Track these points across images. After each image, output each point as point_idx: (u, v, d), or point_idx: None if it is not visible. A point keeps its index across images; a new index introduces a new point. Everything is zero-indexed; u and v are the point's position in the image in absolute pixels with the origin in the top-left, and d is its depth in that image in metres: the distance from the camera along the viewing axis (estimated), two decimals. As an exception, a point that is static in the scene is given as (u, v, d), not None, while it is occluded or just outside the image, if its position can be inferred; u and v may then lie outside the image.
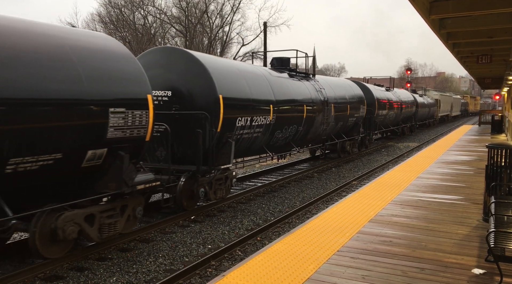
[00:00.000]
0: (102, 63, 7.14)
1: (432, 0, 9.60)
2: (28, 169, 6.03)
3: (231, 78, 10.70)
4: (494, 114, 29.73)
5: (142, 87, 7.74)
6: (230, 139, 10.39)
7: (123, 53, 7.76)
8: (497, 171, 6.76)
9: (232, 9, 42.29)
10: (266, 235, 8.92)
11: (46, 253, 6.65)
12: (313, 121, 15.08)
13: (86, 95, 6.61)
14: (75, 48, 6.80)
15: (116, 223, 7.56)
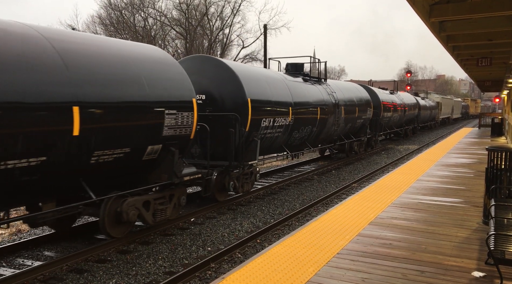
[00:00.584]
0: (157, 72, 8.32)
1: (432, 3, 9.63)
2: (106, 160, 7.23)
3: (257, 83, 11.81)
4: (494, 117, 29.76)
5: (188, 92, 8.95)
6: (256, 138, 11.60)
7: (172, 62, 8.99)
8: (497, 174, 6.76)
9: (232, 12, 42.40)
10: (266, 237, 8.91)
11: (112, 232, 7.80)
12: (325, 122, 16.12)
13: (148, 99, 7.85)
14: (137, 60, 8.00)
15: (166, 209, 8.71)
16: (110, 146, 7.16)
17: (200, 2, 42.13)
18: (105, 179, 7.63)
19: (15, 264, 7.24)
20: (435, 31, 11.43)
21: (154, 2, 41.24)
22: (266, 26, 32.18)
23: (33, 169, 6.10)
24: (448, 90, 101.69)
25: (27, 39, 6.18)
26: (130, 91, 7.47)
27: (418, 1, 8.93)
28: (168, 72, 8.65)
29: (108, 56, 7.39)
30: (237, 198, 11.77)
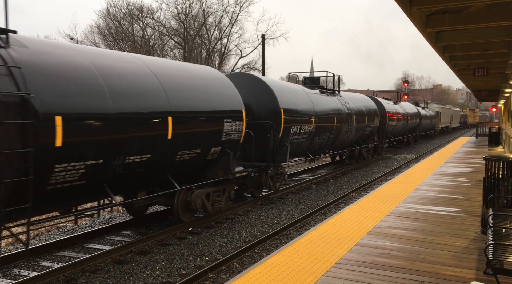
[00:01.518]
0: (217, 88, 10.39)
1: (429, 14, 9.71)
2: (184, 158, 9.16)
3: (287, 95, 13.66)
4: (491, 127, 29.85)
5: (239, 103, 10.97)
6: (286, 143, 13.36)
7: (226, 79, 11.16)
8: (494, 183, 6.77)
9: (231, 22, 42.64)
10: (264, 247, 8.87)
11: (183, 217, 9.64)
12: (340, 130, 18.02)
13: (214, 110, 9.89)
14: (204, 79, 10.15)
15: (221, 200, 10.52)
16: (188, 147, 9.17)
17: (199, 12, 42.42)
18: (181, 174, 9.53)
19: (11, 275, 7.19)
20: (432, 42, 11.50)
21: (153, 12, 41.53)
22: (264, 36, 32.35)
23: (143, 163, 8.07)
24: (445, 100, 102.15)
25: (143, 73, 8.39)
26: (201, 104, 9.54)
27: (414, 12, 8.99)
28: (225, 87, 10.71)
29: (186, 78, 9.61)
30: (271, 194, 13.50)
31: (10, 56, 6.10)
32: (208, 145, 9.72)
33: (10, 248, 8.78)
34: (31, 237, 9.49)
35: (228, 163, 10.34)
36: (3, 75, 5.84)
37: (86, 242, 8.92)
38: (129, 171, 7.86)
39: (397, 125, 29.45)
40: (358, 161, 22.01)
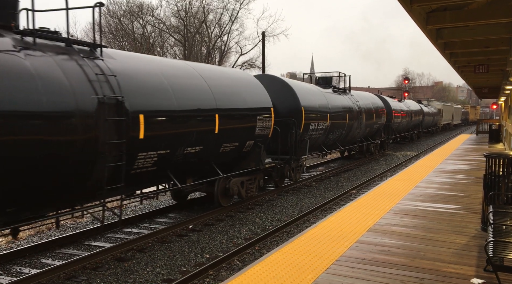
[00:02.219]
0: (251, 88, 11.90)
1: (429, 11, 9.69)
2: (226, 150, 10.60)
3: (306, 95, 15.17)
4: (491, 124, 29.82)
5: (268, 102, 12.43)
6: (306, 138, 14.68)
7: (256, 81, 12.68)
8: (495, 180, 6.76)
9: (231, 19, 42.56)
10: (264, 244, 8.88)
11: (222, 202, 10.98)
12: (351, 126, 19.47)
13: (249, 108, 11.37)
14: (239, 81, 11.69)
15: (253, 188, 12.02)
16: (230, 140, 10.60)
17: (199, 10, 42.33)
18: (223, 164, 10.93)
19: (12, 272, 7.20)
20: (432, 39, 11.48)
21: (153, 9, 41.44)
22: (264, 33, 32.27)
23: (196, 153, 9.53)
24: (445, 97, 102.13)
25: (195, 77, 9.93)
26: (240, 103, 11.03)
27: (415, 9, 8.97)
28: (256, 88, 12.21)
29: (226, 80, 11.08)
30: (291, 184, 14.82)
31: (106, 66, 7.58)
32: (244, 138, 11.27)
33: (11, 245, 8.79)
34: (34, 234, 9.52)
35: (260, 155, 11.92)
36: (103, 82, 7.25)
37: (86, 239, 8.93)
38: (186, 160, 9.36)
39: (402, 122, 30.83)
40: (366, 155, 23.29)
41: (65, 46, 7.27)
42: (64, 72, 6.69)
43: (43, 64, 6.48)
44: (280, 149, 13.42)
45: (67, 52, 7.13)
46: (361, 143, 22.52)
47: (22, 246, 8.58)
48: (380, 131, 25.06)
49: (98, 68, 7.34)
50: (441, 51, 13.60)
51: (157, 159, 8.37)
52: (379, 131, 24.89)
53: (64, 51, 7.14)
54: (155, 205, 12.17)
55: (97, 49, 7.81)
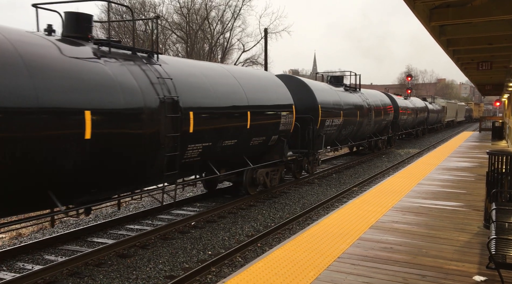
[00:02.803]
0: (275, 87, 13.15)
1: (432, 7, 9.64)
2: (255, 144, 11.82)
3: (322, 93, 16.32)
4: (494, 121, 29.73)
5: (290, 100, 13.50)
6: (321, 133, 15.99)
7: (279, 80, 13.86)
8: (498, 178, 6.75)
9: (233, 16, 42.50)
10: (266, 241, 8.90)
11: (250, 191, 12.22)
12: (362, 123, 20.65)
13: (274, 105, 12.52)
14: (266, 80, 12.98)
15: (276, 178, 13.23)
16: (258, 135, 11.79)
17: (201, 6, 42.28)
18: (251, 156, 12.09)
19: (16, 268, 7.23)
20: (435, 35, 11.43)
21: (155, 6, 41.41)
22: (266, 30, 32.22)
23: (231, 146, 10.74)
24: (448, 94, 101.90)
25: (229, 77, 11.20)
26: (267, 101, 12.19)
27: (418, 5, 8.94)
28: (279, 87, 13.37)
29: (255, 80, 12.38)
30: (308, 177, 15.90)
31: (164, 70, 8.78)
32: (270, 133, 12.41)
33: (14, 241, 8.83)
34: (37, 230, 9.55)
35: (283, 148, 13.13)
36: (161, 84, 8.47)
37: (89, 236, 8.96)
38: (223, 151, 10.56)
39: (408, 119, 32.17)
40: (374, 151, 24.33)
41: (131, 54, 8.53)
42: (133, 76, 7.92)
43: (119, 69, 7.70)
44: (298, 143, 14.66)
45: (133, 59, 8.36)
46: (370, 139, 23.69)
47: (25, 242, 8.62)
48: (388, 128, 26.22)
49: (158, 72, 8.59)
50: (444, 48, 13.55)
51: (201, 151, 9.70)
52: (387, 128, 26.09)
53: (131, 58, 8.36)
54: (157, 203, 12.17)
55: (154, 56, 9.05)
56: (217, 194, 12.96)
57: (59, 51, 6.92)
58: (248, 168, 11.80)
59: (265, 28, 33.06)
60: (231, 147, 10.76)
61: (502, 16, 9.30)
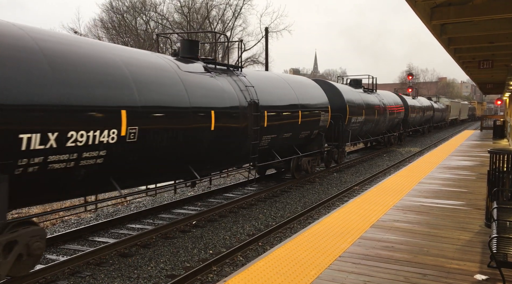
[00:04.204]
0: (314, 90, 15.96)
1: (433, 6, 9.63)
2: (302, 137, 14.53)
3: (348, 94, 19.41)
4: (496, 120, 29.68)
5: (326, 101, 16.30)
6: (348, 129, 18.93)
7: (318, 85, 16.72)
8: (499, 176, 6.75)
9: (234, 15, 42.46)
10: (267, 240, 8.90)
11: (296, 175, 14.90)
12: (379, 120, 23.69)
13: (316, 105, 15.25)
14: (306, 85, 15.71)
15: (315, 165, 16.01)
16: (305, 129, 14.51)
17: (202, 5, 42.23)
18: (299, 147, 14.78)
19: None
20: (437, 34, 11.42)
21: (156, 5, 41.35)
22: (267, 29, 32.17)
23: (288, 138, 13.53)
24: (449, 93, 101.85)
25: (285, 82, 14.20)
26: (311, 102, 15.02)
27: (419, 4, 8.92)
28: (318, 90, 16.25)
29: (301, 84, 15.35)
30: (336, 166, 18.55)
31: (247, 80, 11.81)
32: (313, 128, 15.12)
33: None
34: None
35: (322, 141, 15.90)
36: (248, 91, 11.47)
37: (90, 235, 8.97)
38: (282, 142, 13.33)
39: (416, 117, 34.96)
40: (386, 145, 27.12)
41: (226, 69, 11.60)
42: (231, 85, 10.98)
43: (223, 80, 10.79)
44: (330, 138, 17.41)
45: (227, 72, 11.40)
46: (384, 135, 26.68)
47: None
48: (399, 125, 29.32)
49: (244, 82, 11.60)
50: (445, 47, 13.53)
51: (269, 141, 12.53)
52: (398, 125, 29.18)
53: (226, 72, 11.40)
54: (158, 201, 12.20)
55: (239, 70, 12.18)
56: (264, 179, 15.67)
57: (195, 68, 10.18)
58: (296, 156, 14.57)
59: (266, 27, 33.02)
60: (287, 138, 13.59)
61: (504, 15, 9.28)
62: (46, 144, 6.15)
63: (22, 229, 6.04)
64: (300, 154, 14.58)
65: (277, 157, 13.17)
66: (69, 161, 6.56)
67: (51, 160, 6.29)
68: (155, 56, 9.32)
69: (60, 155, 6.39)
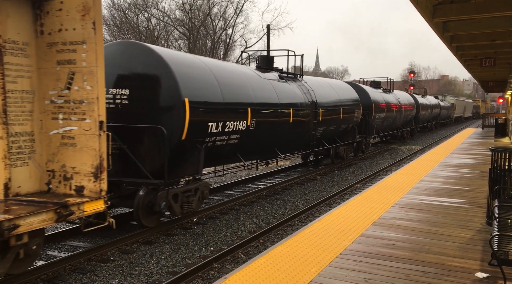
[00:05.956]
0: (349, 91, 18.99)
1: (436, 3, 9.60)
2: (341, 129, 17.88)
3: (373, 94, 22.73)
4: (497, 118, 29.63)
5: (358, 100, 19.46)
6: (373, 124, 22.03)
7: (350, 87, 19.75)
8: (500, 174, 6.74)
9: (235, 12, 42.36)
10: (268, 237, 8.91)
11: (334, 161, 18.10)
12: (396, 117, 27.26)
13: (351, 104, 18.41)
14: (344, 88, 18.96)
15: (349, 153, 19.60)
16: (344, 123, 17.71)
17: (203, 3, 42.14)
18: (339, 137, 18.09)
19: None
20: (439, 32, 11.39)
21: (157, 2, 41.27)
22: (269, 27, 32.12)
23: (332, 130, 16.77)
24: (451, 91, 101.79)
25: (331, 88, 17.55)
26: (349, 101, 18.22)
27: (421, 2, 8.90)
28: (352, 91, 19.37)
29: (339, 86, 18.57)
30: (362, 155, 21.69)
31: (308, 85, 15.26)
32: (349, 122, 18.23)
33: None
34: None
35: (355, 133, 19.15)
36: (307, 93, 14.64)
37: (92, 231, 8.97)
38: (329, 133, 16.73)
39: (425, 114, 38.47)
40: (400, 139, 30.61)
41: (293, 77, 14.94)
42: (299, 89, 14.40)
43: (294, 86, 14.25)
44: (362, 130, 20.60)
45: (294, 80, 14.77)
46: (399, 130, 30.08)
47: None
48: (412, 121, 33.05)
49: (306, 86, 15.01)
50: (447, 45, 13.49)
51: (322, 132, 15.86)
52: (411, 121, 32.86)
53: (293, 79, 14.76)
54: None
55: (301, 77, 15.59)
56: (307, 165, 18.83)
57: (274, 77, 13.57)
58: (335, 145, 17.77)
59: (267, 24, 32.96)
60: (332, 130, 16.82)
61: (506, 12, 9.25)
62: (217, 129, 9.80)
63: (200, 181, 9.82)
64: (339, 142, 18.01)
65: (325, 144, 16.71)
66: (224, 140, 10.24)
67: (218, 139, 9.97)
68: (252, 69, 13.04)
69: (221, 136, 10.07)
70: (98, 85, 6.56)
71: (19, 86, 6.59)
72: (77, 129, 6.68)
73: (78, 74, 6.63)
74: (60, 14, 6.68)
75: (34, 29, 6.80)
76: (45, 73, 6.85)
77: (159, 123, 8.63)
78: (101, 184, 6.54)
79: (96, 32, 6.51)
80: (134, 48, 9.13)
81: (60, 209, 6.10)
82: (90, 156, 6.57)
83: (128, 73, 8.98)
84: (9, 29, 6.43)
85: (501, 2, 9.03)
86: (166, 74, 8.74)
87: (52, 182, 6.83)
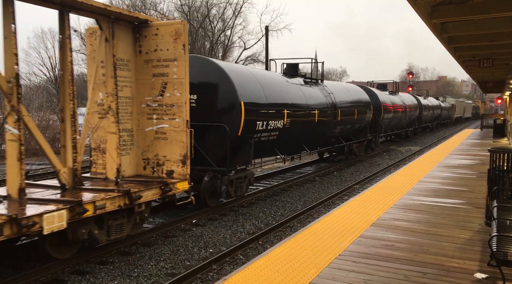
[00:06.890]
0: (362, 94, 21.07)
1: (434, 4, 9.62)
2: (355, 128, 20.05)
3: (381, 96, 24.77)
4: (496, 118, 29.67)
5: (369, 102, 21.38)
6: (381, 123, 23.97)
7: (362, 90, 21.71)
8: (499, 175, 6.75)
9: (234, 13, 42.43)
10: (267, 239, 8.90)
11: (348, 157, 20.19)
12: (401, 117, 29.26)
13: (364, 105, 20.48)
14: (358, 91, 21.06)
15: (361, 150, 21.40)
16: (358, 122, 19.68)
17: (202, 4, 42.20)
18: (353, 135, 20.13)
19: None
20: (437, 33, 11.41)
21: (156, 4, 41.33)
22: (267, 28, 32.14)
23: (348, 129, 18.89)
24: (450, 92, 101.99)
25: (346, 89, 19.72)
26: (361, 103, 20.11)
27: (419, 2, 8.91)
28: (363, 94, 21.22)
29: (354, 90, 20.51)
30: (371, 152, 23.42)
31: (328, 89, 17.15)
32: (361, 122, 20.17)
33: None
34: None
35: (367, 131, 21.24)
36: (328, 96, 16.58)
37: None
38: (345, 132, 18.56)
39: (428, 115, 40.38)
40: (404, 138, 32.59)
41: (316, 82, 16.75)
42: (321, 92, 16.23)
43: (316, 89, 16.14)
44: (372, 129, 22.55)
45: (316, 84, 16.64)
46: (403, 129, 31.97)
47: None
48: (415, 121, 35.07)
49: (326, 90, 16.87)
50: (445, 45, 13.51)
51: (339, 130, 17.66)
52: (414, 122, 34.86)
53: (315, 84, 16.61)
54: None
55: (322, 82, 17.30)
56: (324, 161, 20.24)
57: (300, 82, 15.34)
58: (349, 142, 19.54)
59: (266, 26, 32.99)
60: (348, 129, 18.66)
61: (504, 13, 9.27)
62: (262, 127, 11.73)
63: (248, 171, 11.70)
64: (353, 140, 19.98)
65: (342, 141, 18.69)
66: (266, 137, 12.14)
67: (262, 135, 11.89)
68: (280, 75, 14.90)
69: (265, 133, 12.00)
70: (185, 92, 8.64)
71: (124, 94, 8.62)
72: (168, 126, 8.77)
73: (170, 84, 8.73)
74: (156, 38, 8.76)
75: (134, 49, 8.93)
76: (142, 84, 8.95)
77: (221, 122, 10.65)
78: (187, 168, 8.73)
79: (185, 52, 8.59)
80: (199, 61, 11.15)
81: (163, 186, 8.10)
82: (179, 147, 8.72)
83: (195, 82, 10.69)
84: (119, 50, 8.45)
85: (498, 3, 9.05)
86: (226, 82, 10.75)
87: (147, 168, 8.98)
